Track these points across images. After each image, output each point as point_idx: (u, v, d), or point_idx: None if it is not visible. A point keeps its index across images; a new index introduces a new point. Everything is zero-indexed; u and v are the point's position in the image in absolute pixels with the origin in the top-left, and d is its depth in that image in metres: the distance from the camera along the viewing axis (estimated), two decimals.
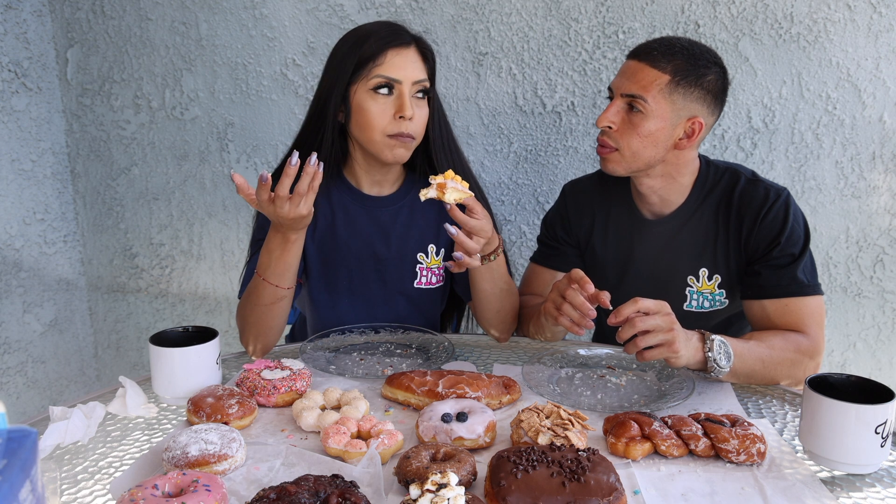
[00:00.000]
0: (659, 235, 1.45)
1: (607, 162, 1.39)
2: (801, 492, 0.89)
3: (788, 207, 1.35)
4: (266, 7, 2.13)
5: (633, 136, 1.33)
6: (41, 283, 2.42)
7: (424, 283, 1.50)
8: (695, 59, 1.31)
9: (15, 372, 2.37)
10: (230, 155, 2.29)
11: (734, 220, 1.38)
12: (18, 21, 2.26)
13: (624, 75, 1.35)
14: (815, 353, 1.28)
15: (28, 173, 2.34)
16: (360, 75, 1.35)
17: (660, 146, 1.34)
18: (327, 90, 1.39)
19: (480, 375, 1.16)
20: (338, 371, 1.26)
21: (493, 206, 2.13)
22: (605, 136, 1.37)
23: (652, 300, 1.11)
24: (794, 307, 1.31)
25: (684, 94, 1.31)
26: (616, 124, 1.34)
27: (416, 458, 0.89)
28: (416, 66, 1.37)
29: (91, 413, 1.07)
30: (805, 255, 1.34)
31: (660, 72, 1.31)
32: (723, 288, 1.42)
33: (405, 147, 1.38)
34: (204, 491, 0.81)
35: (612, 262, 1.51)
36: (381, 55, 1.34)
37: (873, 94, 1.82)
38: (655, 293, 1.44)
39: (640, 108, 1.32)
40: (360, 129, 1.38)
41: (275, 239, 1.25)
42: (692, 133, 1.35)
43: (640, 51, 1.35)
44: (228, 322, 2.46)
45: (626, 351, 1.12)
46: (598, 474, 0.83)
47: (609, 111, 1.35)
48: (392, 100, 1.35)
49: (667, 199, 1.43)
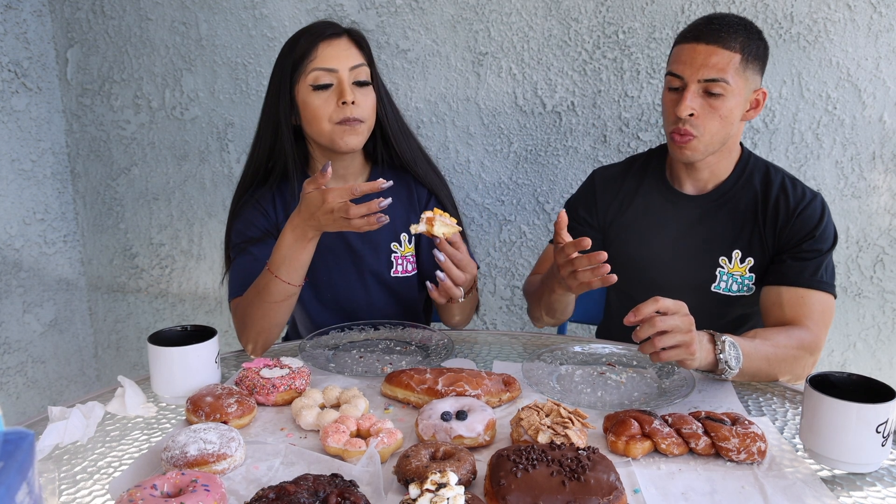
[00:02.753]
0: (697, 211, 1.46)
1: (685, 149, 1.38)
2: (802, 491, 0.89)
3: (825, 208, 1.39)
4: (266, 7, 2.13)
5: (715, 119, 1.34)
6: (41, 283, 2.42)
7: (401, 271, 1.53)
8: (750, 31, 1.34)
9: (15, 372, 2.37)
10: (230, 155, 2.28)
11: (771, 212, 1.41)
12: (18, 21, 2.26)
13: (694, 61, 1.33)
14: (815, 350, 1.29)
15: (28, 173, 2.34)
16: (300, 73, 1.39)
17: (735, 123, 1.37)
18: (275, 98, 1.43)
19: (480, 373, 1.15)
20: (337, 369, 1.26)
21: (493, 206, 2.13)
22: (685, 125, 1.36)
23: (671, 300, 1.08)
24: (807, 299, 1.33)
25: (752, 69, 1.34)
26: (697, 111, 1.35)
27: (415, 457, 0.89)
28: (350, 52, 1.40)
29: (90, 413, 1.07)
30: (829, 255, 1.37)
31: (731, 51, 1.31)
32: (753, 272, 1.42)
33: (355, 132, 1.40)
34: (203, 491, 0.80)
35: (635, 236, 1.51)
36: (313, 49, 1.38)
37: (873, 94, 1.82)
38: (683, 271, 1.45)
39: (719, 91, 1.32)
40: (309, 124, 1.42)
41: (291, 236, 1.26)
42: (757, 104, 1.38)
43: (702, 32, 1.34)
44: (228, 322, 2.46)
45: (641, 350, 1.09)
46: (598, 473, 0.83)
47: (687, 99, 1.33)
48: (333, 90, 1.39)
49: (716, 172, 1.45)
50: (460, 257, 1.26)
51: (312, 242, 1.27)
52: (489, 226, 2.15)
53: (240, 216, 1.49)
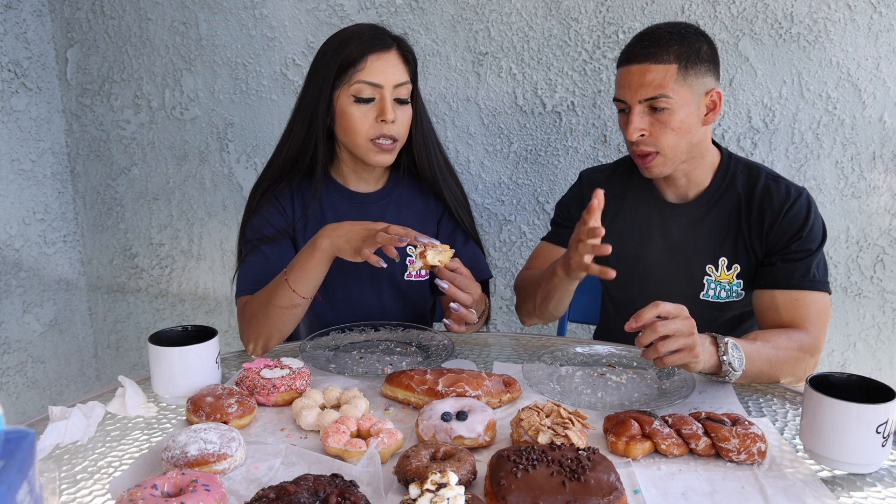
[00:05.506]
0: (681, 220, 1.46)
1: (652, 168, 1.38)
2: (802, 491, 0.89)
3: (810, 205, 1.37)
4: (266, 7, 2.13)
5: (669, 133, 1.34)
6: (41, 283, 2.42)
7: (414, 275, 1.52)
8: (685, 37, 1.33)
9: (15, 372, 2.37)
10: (230, 155, 2.28)
11: (756, 214, 1.40)
12: (18, 21, 2.26)
13: (631, 84, 1.34)
14: (815, 351, 1.29)
15: (28, 173, 2.34)
16: (343, 81, 1.38)
17: (693, 131, 1.36)
18: (314, 97, 1.42)
19: (480, 374, 1.15)
20: (337, 370, 1.26)
21: (493, 206, 2.13)
22: (641, 146, 1.36)
23: (672, 304, 1.07)
24: (802, 301, 1.32)
25: (695, 74, 1.33)
26: (646, 130, 1.34)
27: (415, 458, 0.89)
28: (398, 69, 1.39)
29: (90, 413, 1.07)
30: (820, 252, 1.36)
31: (665, 64, 1.31)
32: (741, 279, 1.42)
33: (388, 152, 1.42)
34: (203, 491, 0.80)
35: (627, 246, 1.51)
36: (361, 60, 1.36)
37: (873, 94, 1.82)
38: (672, 280, 1.45)
39: (664, 106, 1.32)
40: (344, 133, 1.42)
41: (307, 245, 1.29)
42: (714, 105, 1.37)
43: (634, 54, 1.34)
44: (228, 322, 2.46)
45: (644, 356, 1.09)
46: (599, 473, 0.83)
47: (634, 121, 1.34)
48: (374, 104, 1.38)
49: (693, 180, 1.44)
50: (461, 280, 1.26)
51: (319, 255, 1.27)
52: (489, 226, 2.15)
53: (258, 212, 1.48)
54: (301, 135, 1.44)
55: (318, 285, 1.32)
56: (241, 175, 2.29)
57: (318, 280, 1.31)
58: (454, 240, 1.55)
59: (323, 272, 1.30)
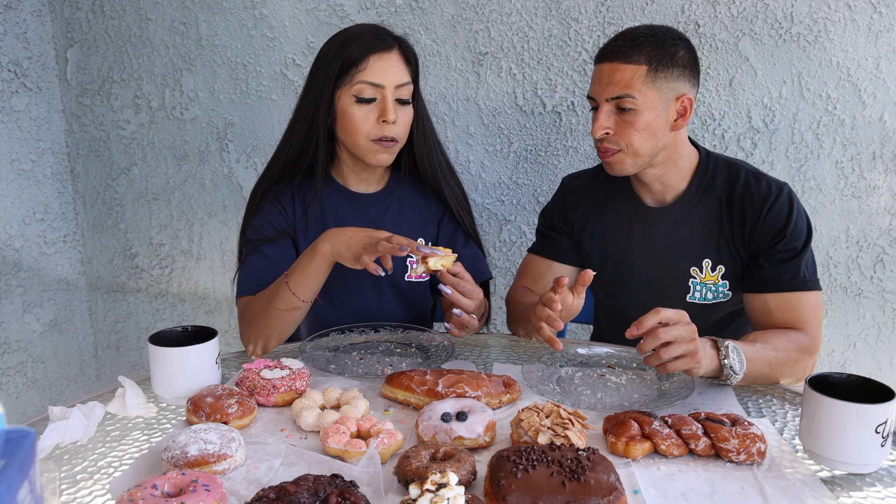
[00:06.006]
0: (662, 224, 1.45)
1: (614, 164, 1.38)
2: (802, 491, 0.89)
3: (792, 201, 1.36)
4: (266, 7, 2.13)
5: (633, 134, 1.33)
6: (41, 283, 2.42)
7: (414, 276, 1.52)
8: (661, 40, 1.32)
9: (15, 372, 2.37)
10: (230, 155, 2.28)
11: (737, 214, 1.39)
12: (18, 21, 2.26)
13: (601, 81, 1.34)
14: (813, 351, 1.29)
15: (28, 173, 2.34)
16: (344, 81, 1.38)
17: (659, 134, 1.35)
18: (315, 97, 1.41)
19: (480, 374, 1.15)
20: (337, 370, 1.26)
21: (493, 206, 2.13)
22: (605, 143, 1.36)
23: (672, 310, 1.07)
24: (795, 303, 1.32)
25: (665, 77, 1.31)
26: (612, 129, 1.34)
27: (415, 458, 0.89)
28: (399, 69, 1.39)
29: (90, 413, 1.07)
30: (807, 249, 1.35)
31: (635, 65, 1.30)
32: (726, 279, 1.41)
33: (388, 152, 1.42)
34: (203, 491, 0.81)
35: (611, 252, 1.51)
36: (363, 60, 1.36)
37: (873, 94, 1.82)
38: (658, 284, 1.45)
39: (630, 106, 1.31)
40: (345, 133, 1.42)
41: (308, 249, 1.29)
42: (684, 111, 1.35)
43: (607, 52, 1.34)
44: (228, 322, 2.46)
45: (646, 363, 1.09)
46: (598, 474, 0.83)
47: (600, 119, 1.34)
48: (375, 105, 1.38)
49: (668, 184, 1.43)
50: (464, 285, 1.26)
51: (318, 259, 1.27)
52: (489, 226, 2.15)
53: (258, 212, 1.48)
54: (302, 135, 1.44)
55: (319, 289, 1.32)
56: (241, 175, 2.29)
57: (319, 284, 1.31)
58: (455, 241, 1.55)
59: (323, 277, 1.30)
